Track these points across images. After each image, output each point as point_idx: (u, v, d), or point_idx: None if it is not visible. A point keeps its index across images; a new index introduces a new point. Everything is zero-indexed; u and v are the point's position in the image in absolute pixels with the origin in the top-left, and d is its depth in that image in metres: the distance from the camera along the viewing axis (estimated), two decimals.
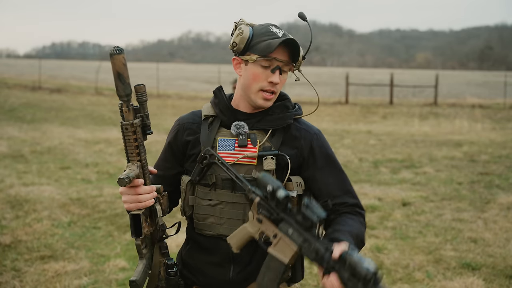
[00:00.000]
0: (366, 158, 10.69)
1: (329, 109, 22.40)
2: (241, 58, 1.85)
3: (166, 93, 28.44)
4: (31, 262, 4.75)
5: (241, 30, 1.82)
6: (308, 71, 32.55)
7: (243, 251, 1.79)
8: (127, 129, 1.64)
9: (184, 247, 2.00)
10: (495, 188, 8.01)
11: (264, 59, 1.79)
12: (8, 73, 41.03)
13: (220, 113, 1.91)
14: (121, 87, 1.59)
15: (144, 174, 1.72)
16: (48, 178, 8.36)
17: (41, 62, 33.83)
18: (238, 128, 1.84)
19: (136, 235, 1.71)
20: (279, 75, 1.81)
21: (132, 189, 1.69)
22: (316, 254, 1.56)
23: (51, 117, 17.63)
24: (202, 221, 1.86)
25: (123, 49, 1.58)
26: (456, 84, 38.96)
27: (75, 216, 6.27)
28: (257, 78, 1.82)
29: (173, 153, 1.97)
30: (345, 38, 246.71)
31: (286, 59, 1.81)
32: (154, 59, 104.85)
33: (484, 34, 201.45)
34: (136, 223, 1.71)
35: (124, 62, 1.58)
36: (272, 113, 1.89)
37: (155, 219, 1.77)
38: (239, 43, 1.82)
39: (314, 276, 4.54)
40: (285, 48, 1.81)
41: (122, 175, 1.61)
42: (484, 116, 20.36)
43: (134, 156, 1.68)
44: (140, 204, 1.70)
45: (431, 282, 4.46)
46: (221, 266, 1.86)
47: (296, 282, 1.89)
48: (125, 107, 1.63)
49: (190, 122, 1.95)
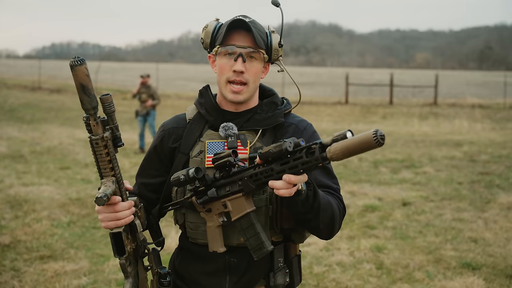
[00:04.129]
0: (366, 158, 10.68)
1: (329, 109, 22.41)
2: (212, 54, 1.82)
3: (165, 93, 28.40)
4: (30, 262, 4.74)
5: (206, 25, 1.80)
6: (308, 71, 32.70)
7: (239, 259, 1.74)
8: (98, 144, 1.54)
9: (176, 256, 1.91)
10: (495, 188, 8.00)
11: (223, 47, 1.73)
12: (8, 73, 41.04)
13: (207, 113, 1.82)
14: (86, 100, 1.49)
15: (121, 189, 1.62)
16: (48, 178, 8.35)
17: (41, 62, 33.83)
18: (227, 129, 1.75)
19: (119, 254, 1.63)
20: (242, 62, 1.72)
21: (110, 207, 1.60)
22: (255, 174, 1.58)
23: (51, 117, 17.62)
24: (194, 229, 1.78)
25: (84, 59, 1.48)
26: (456, 84, 38.95)
27: (74, 216, 6.26)
28: (223, 70, 1.75)
29: (159, 160, 1.88)
30: (345, 38, 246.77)
31: (246, 45, 1.72)
32: (153, 60, 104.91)
33: (484, 34, 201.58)
34: (117, 242, 1.63)
35: (87, 73, 1.47)
36: (261, 112, 1.82)
37: (136, 234, 1.70)
38: (205, 38, 1.79)
39: (314, 276, 4.53)
40: (245, 33, 1.73)
41: (99, 193, 1.51)
42: (484, 116, 20.36)
43: (107, 172, 1.58)
44: (119, 221, 1.61)
45: (431, 282, 4.45)
46: (217, 276, 1.77)
47: (295, 287, 1.82)
48: (93, 120, 1.53)
49: (175, 127, 1.87)
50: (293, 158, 1.46)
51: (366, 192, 7.64)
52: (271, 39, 1.78)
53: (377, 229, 5.92)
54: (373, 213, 6.56)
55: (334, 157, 1.36)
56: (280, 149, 1.45)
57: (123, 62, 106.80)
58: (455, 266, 4.80)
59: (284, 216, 1.69)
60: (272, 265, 1.75)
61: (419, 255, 5.09)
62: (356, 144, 1.31)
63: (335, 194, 1.76)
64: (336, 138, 1.37)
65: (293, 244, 1.79)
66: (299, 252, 1.83)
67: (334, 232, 1.73)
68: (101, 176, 1.60)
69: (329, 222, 1.67)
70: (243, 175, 1.60)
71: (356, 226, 6.00)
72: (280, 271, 1.75)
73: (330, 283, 4.41)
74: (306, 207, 1.58)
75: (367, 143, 1.29)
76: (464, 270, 4.71)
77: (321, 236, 1.73)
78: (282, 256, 1.76)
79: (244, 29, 1.73)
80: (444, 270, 4.70)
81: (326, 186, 1.76)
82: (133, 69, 54.42)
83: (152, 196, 1.89)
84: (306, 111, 20.35)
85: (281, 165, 1.49)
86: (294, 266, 1.79)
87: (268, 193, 1.68)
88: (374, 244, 5.33)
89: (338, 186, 1.81)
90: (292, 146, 1.45)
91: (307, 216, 1.61)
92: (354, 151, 1.32)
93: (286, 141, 1.45)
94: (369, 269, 4.71)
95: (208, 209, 1.69)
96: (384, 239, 5.56)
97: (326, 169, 1.79)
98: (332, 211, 1.67)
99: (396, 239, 5.59)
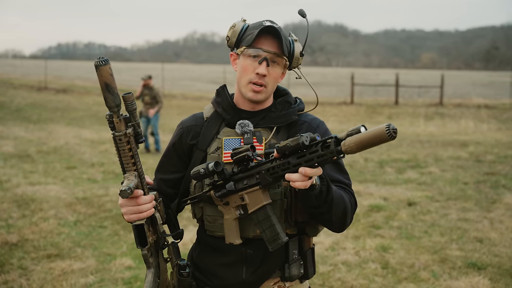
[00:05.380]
0: (372, 158, 10.68)
1: (335, 109, 22.39)
2: (235, 52, 1.88)
3: (171, 93, 28.48)
4: (37, 260, 4.78)
5: (233, 24, 1.86)
6: (314, 71, 32.71)
7: (255, 251, 1.80)
8: (121, 140, 1.61)
9: (194, 249, 1.99)
10: (501, 188, 7.99)
11: (250, 49, 1.80)
12: (14, 73, 41.20)
13: (224, 112, 1.90)
14: (110, 98, 1.55)
15: (142, 184, 1.69)
16: (54, 178, 8.40)
17: (47, 62, 33.96)
18: (243, 126, 1.83)
19: (141, 245, 1.71)
20: (266, 66, 1.79)
21: (133, 200, 1.68)
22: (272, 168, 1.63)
23: (57, 117, 17.70)
24: (212, 222, 1.84)
25: (108, 59, 1.54)
26: (462, 84, 38.82)
27: (81, 215, 6.30)
28: (246, 70, 1.82)
29: (178, 156, 1.95)
30: (351, 38, 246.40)
31: (273, 50, 1.80)
32: (159, 60, 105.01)
33: (490, 34, 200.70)
34: (140, 233, 1.71)
35: (110, 72, 1.54)
36: (275, 110, 1.89)
37: (156, 227, 1.77)
38: (231, 37, 1.86)
39: (320, 275, 4.55)
40: (273, 38, 1.80)
41: (123, 186, 1.58)
42: (489, 116, 20.29)
43: (130, 166, 1.65)
44: (141, 214, 1.69)
45: (436, 281, 4.45)
46: (234, 267, 1.83)
47: (309, 279, 1.91)
48: (116, 117, 1.59)
49: (193, 125, 1.94)
50: (309, 152, 1.52)
51: (372, 192, 7.65)
52: (293, 47, 1.86)
53: (383, 229, 5.93)
54: (379, 213, 6.56)
55: (348, 150, 1.43)
56: (297, 143, 1.52)
57: (128, 62, 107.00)
58: (461, 266, 4.80)
59: (298, 210, 1.76)
60: (287, 257, 1.82)
61: (424, 255, 5.09)
62: (370, 137, 1.38)
63: (347, 189, 1.83)
64: (350, 133, 1.44)
65: (307, 237, 1.87)
66: (312, 245, 1.91)
67: (346, 225, 1.80)
68: (123, 170, 1.66)
69: (341, 216, 1.74)
70: (261, 168, 1.66)
71: (362, 225, 6.01)
72: (294, 262, 1.83)
73: (336, 282, 4.43)
74: (320, 201, 1.65)
75: (380, 136, 1.36)
76: (469, 270, 4.71)
77: (333, 229, 1.80)
78: (297, 248, 1.83)
79: (273, 35, 1.80)
80: (449, 270, 4.71)
81: (338, 181, 1.83)
82: (138, 69, 54.54)
83: (171, 191, 1.96)
84: (312, 111, 20.28)
85: (298, 158, 1.55)
86: (308, 258, 1.87)
87: (282, 186, 1.75)
88: (379, 243, 5.34)
89: (350, 181, 1.88)
90: (308, 140, 1.52)
91: (320, 209, 1.67)
92: (367, 144, 1.39)
93: (303, 135, 1.52)
94: (375, 269, 4.72)
95: (226, 202, 1.75)
96: (390, 239, 5.57)
97: (338, 165, 1.87)
98: (344, 205, 1.74)
99: (401, 239, 5.59)
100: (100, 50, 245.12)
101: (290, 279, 1.83)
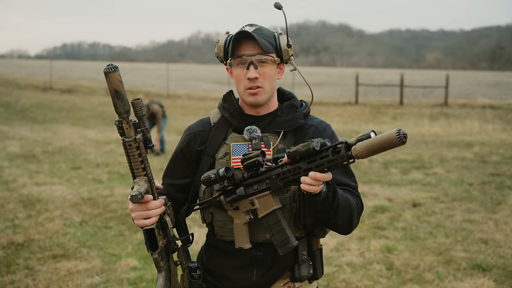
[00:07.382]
0: (376, 159, 10.67)
1: (339, 109, 22.37)
2: (227, 66, 1.92)
3: (176, 93, 28.53)
4: (43, 261, 4.81)
5: (217, 40, 1.90)
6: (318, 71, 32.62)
7: (265, 254, 1.82)
8: (131, 146, 1.63)
9: (204, 252, 2.00)
10: (506, 189, 7.97)
11: (235, 58, 1.84)
12: (20, 73, 41.38)
13: (230, 117, 1.92)
14: (120, 104, 1.57)
15: (152, 188, 1.72)
16: (60, 178, 8.43)
17: (52, 62, 34.09)
18: (251, 132, 1.85)
19: (152, 249, 1.74)
20: (254, 69, 1.82)
21: (143, 205, 1.70)
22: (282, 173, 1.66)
23: (62, 117, 17.76)
24: (222, 227, 1.87)
25: (117, 66, 1.57)
26: (467, 84, 38.70)
27: (86, 215, 6.33)
28: (239, 79, 1.86)
29: (186, 162, 1.97)
30: (355, 38, 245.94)
31: (254, 52, 1.82)
32: (164, 60, 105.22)
33: (495, 34, 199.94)
34: (150, 238, 1.73)
35: (120, 79, 1.56)
36: (281, 114, 1.91)
37: (166, 231, 1.79)
38: (218, 52, 1.90)
39: (325, 276, 4.55)
40: (251, 41, 1.82)
41: (134, 192, 1.61)
42: (495, 116, 20.22)
43: (140, 171, 1.67)
44: (151, 219, 1.72)
45: (441, 283, 4.45)
46: (244, 270, 1.86)
47: (317, 279, 1.92)
48: (125, 123, 1.61)
49: (201, 130, 1.96)
50: (319, 157, 1.55)
51: (376, 193, 7.65)
52: (279, 41, 1.87)
53: (387, 230, 5.93)
54: (383, 214, 6.56)
55: (359, 155, 1.45)
56: (308, 148, 1.54)
57: (133, 62, 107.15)
58: (466, 267, 4.80)
59: (307, 213, 1.79)
60: (297, 258, 1.85)
61: (429, 256, 5.09)
62: (380, 142, 1.41)
63: (353, 192, 1.87)
64: (360, 138, 1.46)
65: (316, 238, 1.89)
66: (320, 246, 1.93)
67: (352, 228, 1.84)
68: (133, 176, 1.69)
69: (347, 220, 1.77)
70: (271, 173, 1.69)
71: (366, 227, 6.01)
72: (304, 263, 1.85)
73: (340, 283, 4.43)
74: (325, 206, 1.68)
75: (391, 142, 1.39)
76: (474, 271, 4.70)
77: (339, 231, 1.83)
78: (306, 249, 1.86)
79: (250, 38, 1.81)
80: (454, 271, 4.70)
81: (345, 184, 1.86)
82: (143, 70, 54.66)
83: (180, 196, 1.98)
84: (316, 112, 20.33)
85: (308, 163, 1.57)
86: (317, 258, 1.90)
87: (291, 191, 1.77)
88: (384, 245, 5.34)
89: (356, 184, 1.92)
90: (319, 146, 1.55)
91: (326, 215, 1.71)
92: (378, 149, 1.42)
93: (314, 140, 1.55)
94: (379, 270, 4.73)
95: (236, 207, 1.78)
96: (394, 240, 5.56)
97: (345, 168, 1.89)
98: (350, 209, 1.77)
99: (406, 240, 5.59)
100: (105, 50, 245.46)
101: (300, 280, 1.86)
